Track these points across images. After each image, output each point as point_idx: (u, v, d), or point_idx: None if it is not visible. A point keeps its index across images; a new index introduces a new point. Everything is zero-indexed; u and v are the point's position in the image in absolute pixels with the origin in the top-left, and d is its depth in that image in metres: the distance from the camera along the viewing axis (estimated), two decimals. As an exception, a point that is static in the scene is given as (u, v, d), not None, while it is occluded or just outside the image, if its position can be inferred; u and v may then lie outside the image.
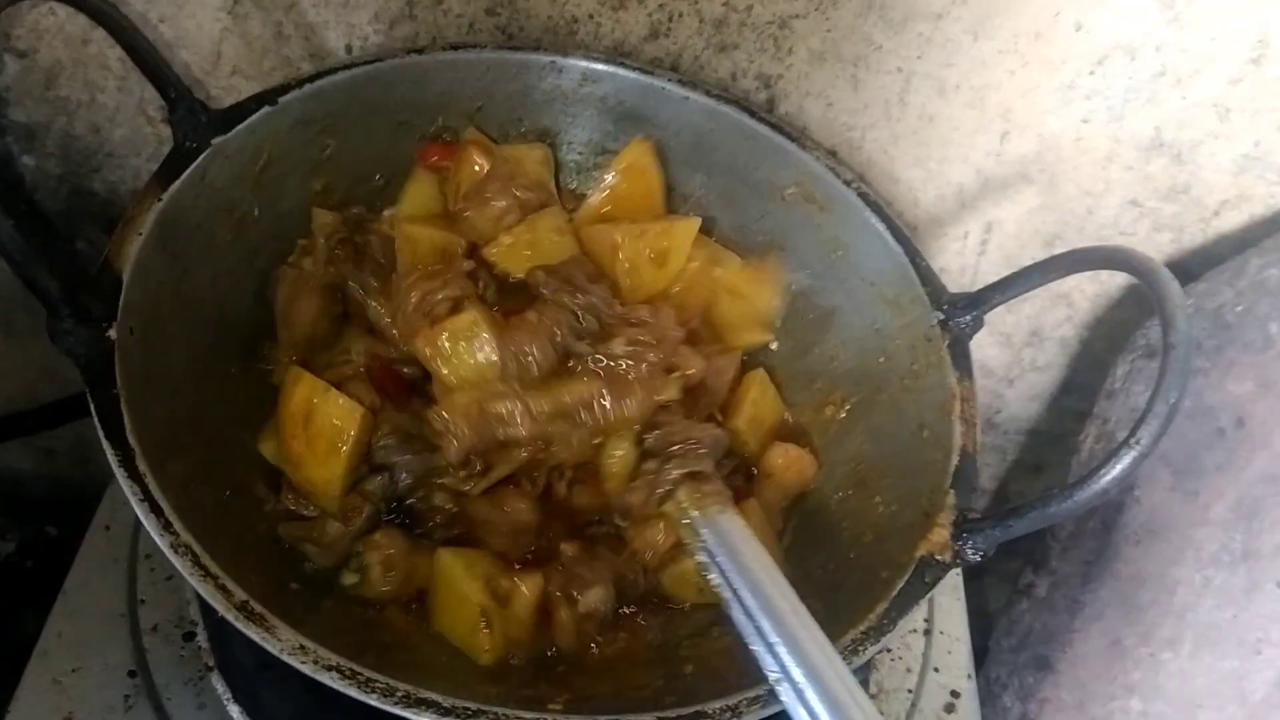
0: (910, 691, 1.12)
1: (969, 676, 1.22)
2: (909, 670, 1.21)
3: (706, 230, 1.22)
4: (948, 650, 1.24)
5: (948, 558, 0.88)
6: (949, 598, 1.27)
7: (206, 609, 1.05)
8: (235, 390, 1.05)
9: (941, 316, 1.05)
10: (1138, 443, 0.79)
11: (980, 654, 1.30)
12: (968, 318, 1.04)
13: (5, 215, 0.79)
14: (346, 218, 1.16)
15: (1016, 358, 1.48)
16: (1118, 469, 0.79)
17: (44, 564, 1.83)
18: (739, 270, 1.21)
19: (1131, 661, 1.21)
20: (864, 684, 1.11)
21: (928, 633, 1.25)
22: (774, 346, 1.23)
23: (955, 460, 0.95)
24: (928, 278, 1.08)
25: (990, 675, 1.40)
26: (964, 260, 1.37)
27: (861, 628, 0.86)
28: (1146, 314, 1.33)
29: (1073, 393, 1.50)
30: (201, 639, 1.05)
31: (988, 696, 1.36)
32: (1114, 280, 1.37)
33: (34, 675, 1.02)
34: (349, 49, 1.27)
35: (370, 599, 0.99)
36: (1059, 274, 0.98)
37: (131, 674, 1.04)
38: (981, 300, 1.04)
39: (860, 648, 0.85)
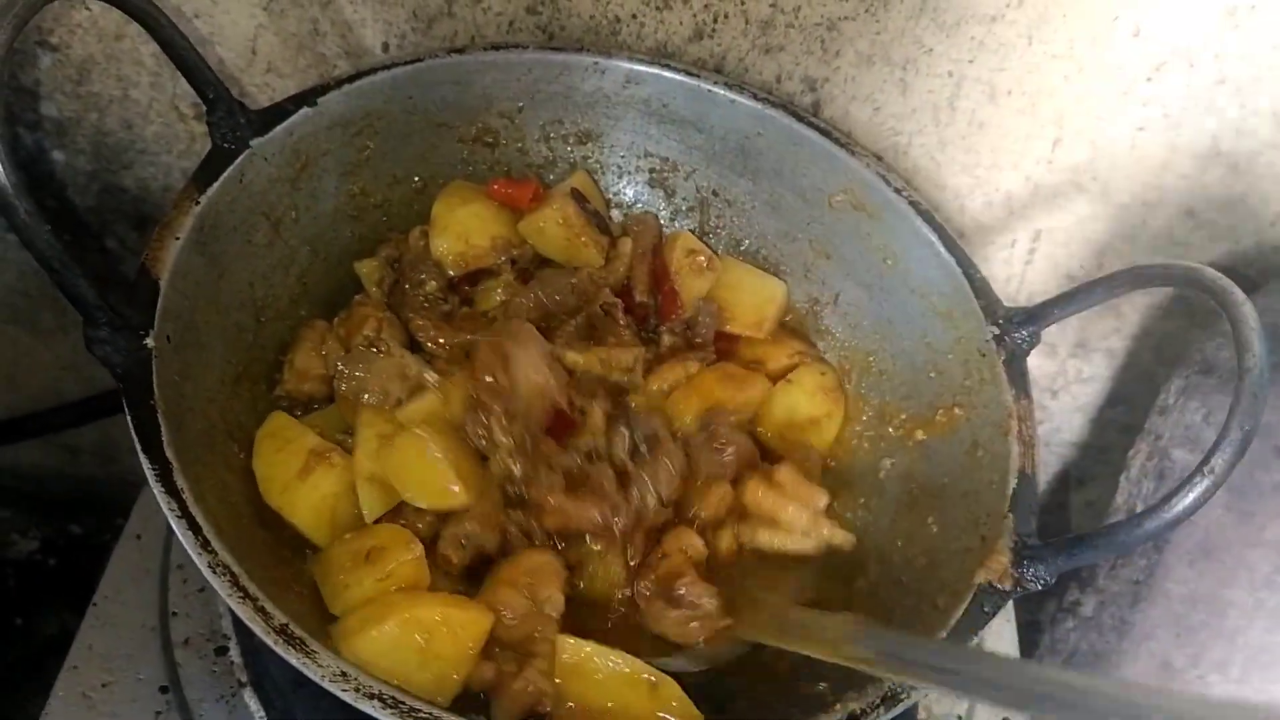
0: (960, 717, 1.09)
1: (1020, 702, 1.18)
2: (958, 694, 1.17)
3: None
4: (997, 674, 1.20)
5: (1008, 586, 0.86)
6: (999, 619, 1.23)
7: (240, 623, 1.03)
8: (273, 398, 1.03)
9: (996, 331, 1.02)
10: (1211, 471, 0.77)
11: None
12: (1024, 333, 1.01)
13: (42, 222, 0.76)
14: (387, 257, 1.15)
15: (1061, 369, 1.45)
16: (1190, 498, 0.77)
17: (67, 562, 1.83)
18: None
19: (1180, 684, 1.18)
20: (913, 709, 1.08)
21: (977, 656, 1.21)
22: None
23: (1013, 483, 0.92)
24: (982, 291, 1.04)
25: (1032, 695, 1.37)
26: (1011, 269, 1.34)
27: (918, 658, 0.83)
28: (1199, 327, 1.30)
29: (1119, 405, 1.47)
30: (234, 654, 1.03)
31: (1029, 719, 1.33)
32: (1165, 291, 1.33)
33: (64, 689, 1.00)
34: (386, 47, 1.24)
35: None
36: (1124, 290, 0.95)
37: (163, 689, 1.02)
38: (1039, 315, 1.01)
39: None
